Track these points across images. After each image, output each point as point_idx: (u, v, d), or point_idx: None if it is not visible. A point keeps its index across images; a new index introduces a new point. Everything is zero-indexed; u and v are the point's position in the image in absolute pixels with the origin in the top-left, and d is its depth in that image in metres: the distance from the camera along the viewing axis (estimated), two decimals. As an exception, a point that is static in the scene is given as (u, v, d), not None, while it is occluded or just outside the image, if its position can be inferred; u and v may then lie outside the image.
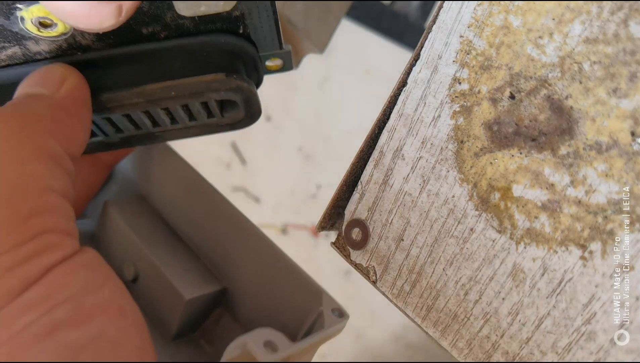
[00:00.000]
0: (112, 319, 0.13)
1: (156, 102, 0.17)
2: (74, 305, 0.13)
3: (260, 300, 0.18)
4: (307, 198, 0.94)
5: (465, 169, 0.16)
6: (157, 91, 0.17)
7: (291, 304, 0.17)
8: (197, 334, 0.20)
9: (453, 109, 0.16)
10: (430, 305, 0.17)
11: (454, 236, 0.16)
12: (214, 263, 0.20)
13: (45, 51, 0.17)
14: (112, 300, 0.14)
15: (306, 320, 0.17)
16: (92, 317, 0.13)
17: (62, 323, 0.13)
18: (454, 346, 0.16)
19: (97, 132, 0.19)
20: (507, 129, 0.15)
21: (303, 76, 0.94)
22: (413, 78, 0.17)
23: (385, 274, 0.18)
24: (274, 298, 0.18)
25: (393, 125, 0.18)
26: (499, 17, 0.15)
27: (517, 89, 0.15)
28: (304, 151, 0.95)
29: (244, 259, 0.19)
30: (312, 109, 0.95)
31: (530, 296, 0.15)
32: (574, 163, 0.14)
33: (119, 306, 0.14)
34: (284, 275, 0.17)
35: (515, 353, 0.15)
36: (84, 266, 0.14)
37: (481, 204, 0.16)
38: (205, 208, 0.20)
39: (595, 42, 0.14)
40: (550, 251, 0.14)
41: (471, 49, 0.16)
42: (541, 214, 0.15)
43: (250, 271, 0.19)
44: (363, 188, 0.18)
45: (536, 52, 0.15)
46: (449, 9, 0.16)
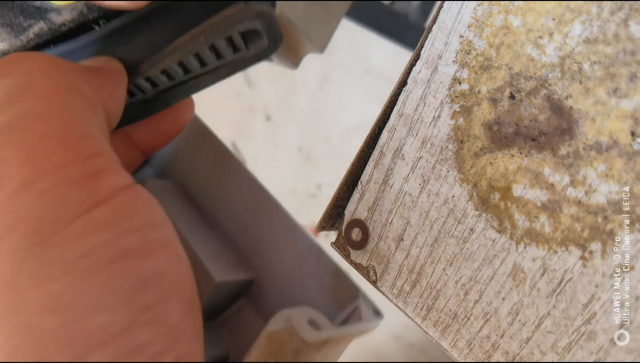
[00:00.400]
0: (171, 260, 0.13)
1: (188, 52, 0.17)
2: (142, 236, 0.12)
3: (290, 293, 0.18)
4: (307, 198, 0.94)
5: (465, 169, 0.16)
6: (187, 42, 0.17)
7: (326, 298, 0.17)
8: (216, 323, 0.20)
9: (453, 109, 0.16)
10: (430, 305, 0.17)
11: (454, 236, 0.16)
12: (245, 253, 0.20)
13: (68, 20, 0.17)
14: (171, 241, 0.13)
15: (341, 314, 0.17)
16: (157, 253, 0.13)
17: (132, 252, 0.12)
18: (454, 346, 0.16)
19: (134, 90, 0.19)
20: (507, 129, 0.15)
21: (303, 76, 0.94)
22: (413, 78, 0.17)
23: (385, 274, 0.18)
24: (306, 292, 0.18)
25: (393, 125, 0.18)
26: (499, 17, 0.15)
27: (517, 89, 0.15)
28: (304, 151, 0.95)
29: (278, 250, 0.18)
30: (312, 109, 0.95)
31: (530, 296, 0.15)
32: (574, 163, 0.14)
33: (177, 249, 0.14)
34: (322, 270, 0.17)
35: (515, 353, 0.15)
36: (146, 201, 0.13)
37: (481, 204, 0.16)
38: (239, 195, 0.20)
39: (595, 42, 0.14)
40: (550, 251, 0.14)
41: (471, 49, 0.16)
42: (541, 214, 0.15)
43: (280, 263, 0.18)
44: (363, 188, 0.18)
45: (536, 52, 0.15)
46: (449, 9, 0.16)
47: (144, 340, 0.12)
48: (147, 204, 0.14)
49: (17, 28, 0.17)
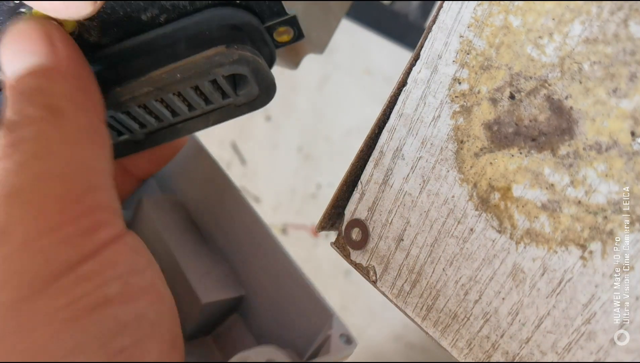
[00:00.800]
0: (153, 302, 0.14)
1: (166, 88, 0.17)
2: (123, 283, 0.14)
3: (272, 314, 0.18)
4: (307, 198, 0.94)
5: (465, 169, 0.16)
6: (163, 76, 0.17)
7: (302, 322, 0.17)
8: (210, 338, 0.20)
9: (453, 109, 0.16)
10: (430, 305, 0.17)
11: (454, 236, 0.16)
12: (235, 269, 0.20)
13: None
14: (154, 284, 0.15)
15: (315, 341, 0.17)
16: (138, 297, 0.14)
17: (112, 298, 0.13)
18: (454, 346, 0.16)
19: (122, 130, 0.19)
20: (507, 129, 0.15)
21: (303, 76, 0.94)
22: (413, 78, 0.17)
23: (385, 274, 0.18)
24: (286, 313, 0.18)
25: (393, 125, 0.18)
26: (499, 17, 0.15)
27: (517, 89, 0.15)
28: (304, 151, 0.95)
29: (262, 270, 0.19)
30: (312, 109, 0.95)
31: (530, 296, 0.15)
32: (574, 163, 0.14)
33: (159, 291, 0.15)
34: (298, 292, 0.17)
35: (515, 353, 0.15)
36: (132, 248, 0.15)
37: (481, 204, 0.16)
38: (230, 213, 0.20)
39: (595, 42, 0.14)
40: (550, 251, 0.14)
41: (471, 49, 0.16)
42: (541, 214, 0.15)
43: (266, 283, 0.19)
44: (363, 188, 0.18)
45: (536, 52, 0.15)
46: (449, 9, 0.16)
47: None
48: (133, 251, 0.15)
49: None
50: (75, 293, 0.13)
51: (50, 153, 0.14)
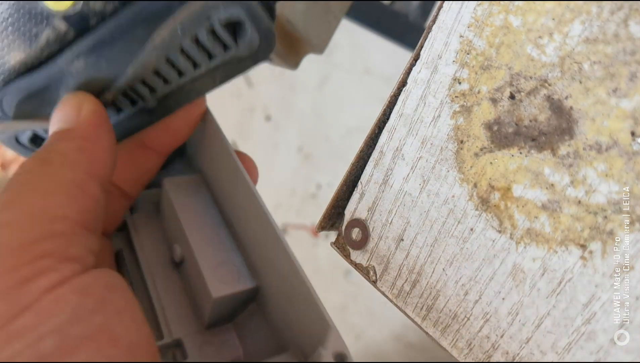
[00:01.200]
0: (100, 348, 0.13)
1: (172, 47, 0.18)
2: (60, 336, 0.13)
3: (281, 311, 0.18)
4: (307, 198, 0.94)
5: (465, 169, 0.16)
6: (166, 37, 0.18)
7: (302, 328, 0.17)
8: (232, 325, 0.20)
9: (453, 109, 0.16)
10: (430, 305, 0.17)
11: (454, 236, 0.16)
12: (251, 260, 0.20)
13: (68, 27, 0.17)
14: (105, 327, 0.14)
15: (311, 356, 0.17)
16: (78, 348, 0.13)
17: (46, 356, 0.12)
18: (454, 346, 0.16)
19: (135, 97, 0.20)
20: (507, 129, 0.15)
21: (303, 76, 0.94)
22: (413, 78, 0.17)
23: (385, 274, 0.18)
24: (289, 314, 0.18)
25: (393, 125, 0.18)
26: (499, 17, 0.15)
27: (517, 89, 0.15)
28: (304, 151, 0.95)
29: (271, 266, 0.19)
30: (312, 109, 0.95)
31: (530, 296, 0.15)
32: (574, 163, 0.14)
33: (111, 333, 0.14)
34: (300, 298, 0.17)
35: (515, 353, 0.15)
36: (78, 292, 0.14)
37: (481, 204, 0.16)
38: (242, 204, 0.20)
39: (595, 42, 0.14)
40: (550, 251, 0.14)
41: (471, 49, 0.16)
42: (541, 214, 0.15)
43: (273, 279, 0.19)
44: (363, 188, 0.18)
45: (536, 52, 0.15)
46: (449, 9, 0.16)
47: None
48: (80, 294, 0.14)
49: (29, 36, 0.17)
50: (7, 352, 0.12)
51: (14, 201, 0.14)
